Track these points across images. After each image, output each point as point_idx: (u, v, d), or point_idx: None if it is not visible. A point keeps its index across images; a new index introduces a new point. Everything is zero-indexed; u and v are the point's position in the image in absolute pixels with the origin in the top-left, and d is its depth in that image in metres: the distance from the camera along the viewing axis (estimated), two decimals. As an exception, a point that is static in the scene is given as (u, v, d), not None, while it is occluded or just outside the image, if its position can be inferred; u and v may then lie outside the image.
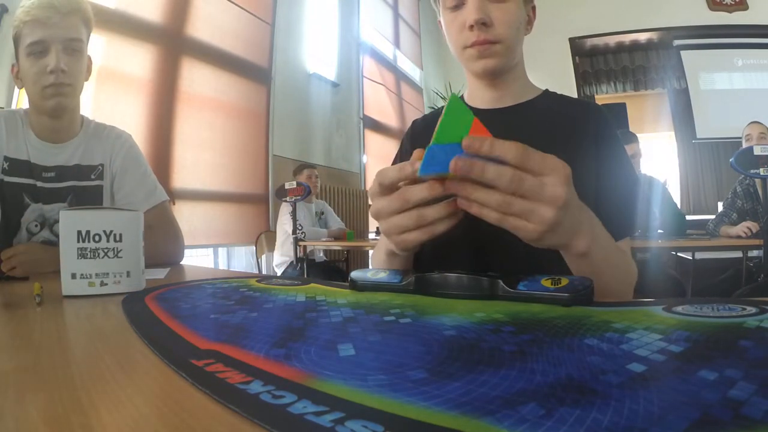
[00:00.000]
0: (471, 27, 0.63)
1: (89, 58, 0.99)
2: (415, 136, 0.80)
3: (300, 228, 2.65)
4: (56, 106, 0.92)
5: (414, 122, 0.84)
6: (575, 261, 0.49)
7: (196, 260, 2.94)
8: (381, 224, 0.47)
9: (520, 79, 0.73)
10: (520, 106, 0.71)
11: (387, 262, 0.59)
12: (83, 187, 0.98)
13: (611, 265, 0.52)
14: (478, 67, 0.67)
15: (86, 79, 0.99)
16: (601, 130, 0.67)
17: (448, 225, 0.43)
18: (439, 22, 0.73)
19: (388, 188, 0.45)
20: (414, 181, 0.43)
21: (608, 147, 0.67)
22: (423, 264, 0.67)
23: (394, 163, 0.82)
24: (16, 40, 0.91)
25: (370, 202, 0.49)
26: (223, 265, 3.21)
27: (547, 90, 0.75)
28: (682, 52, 5.29)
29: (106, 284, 0.54)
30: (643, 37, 5.46)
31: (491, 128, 0.78)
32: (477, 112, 0.73)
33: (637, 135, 2.57)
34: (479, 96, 0.74)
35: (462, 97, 0.79)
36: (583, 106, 0.72)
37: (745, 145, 2.38)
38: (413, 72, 5.78)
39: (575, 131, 0.67)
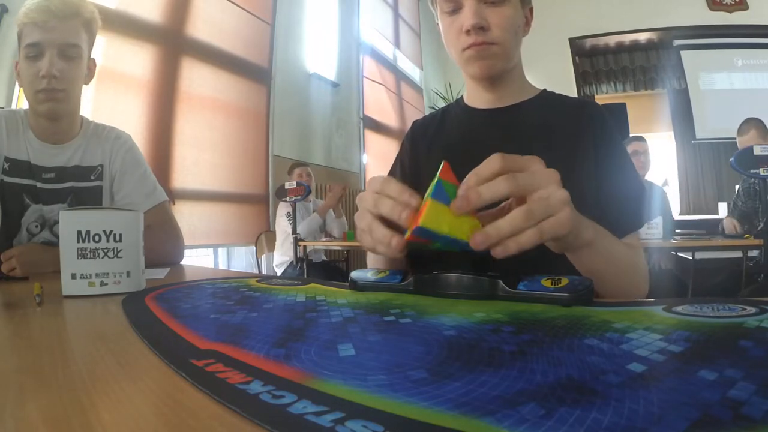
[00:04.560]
0: (468, 32, 0.63)
1: (93, 61, 0.99)
2: (415, 138, 0.80)
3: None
4: (48, 111, 0.92)
5: (414, 123, 0.84)
6: (584, 253, 0.50)
7: (196, 260, 2.94)
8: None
9: (518, 81, 0.73)
10: (517, 106, 0.72)
11: (373, 257, 0.62)
12: (83, 188, 0.98)
13: (617, 258, 0.54)
14: (476, 69, 0.67)
15: (87, 83, 0.98)
16: (600, 128, 0.67)
17: (385, 251, 0.44)
18: (438, 24, 0.73)
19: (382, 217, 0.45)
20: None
21: (608, 144, 0.67)
22: (423, 262, 0.67)
23: (394, 164, 0.82)
24: (19, 39, 0.91)
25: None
26: (223, 265, 3.21)
27: (544, 90, 0.75)
28: (682, 52, 5.29)
29: (106, 284, 0.54)
30: (643, 37, 5.46)
31: (489, 128, 0.78)
32: (475, 112, 0.74)
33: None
34: (477, 97, 0.74)
35: (462, 98, 0.79)
36: (581, 104, 0.72)
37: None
38: (413, 72, 5.78)
39: (573, 129, 0.67)
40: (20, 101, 1.84)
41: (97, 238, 0.54)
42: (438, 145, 0.76)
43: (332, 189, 3.00)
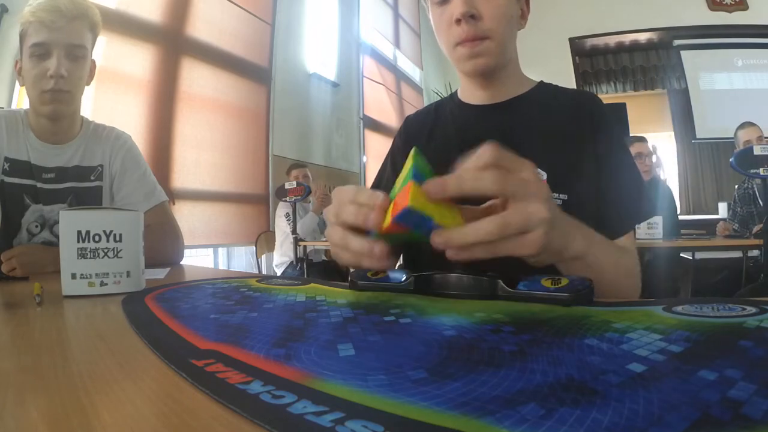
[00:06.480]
0: (458, 21, 0.61)
1: (93, 62, 0.99)
2: (409, 133, 0.79)
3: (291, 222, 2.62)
4: (53, 112, 0.92)
5: (407, 119, 0.82)
6: (574, 265, 0.46)
7: (196, 260, 2.94)
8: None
9: (514, 76, 0.71)
10: (514, 101, 0.70)
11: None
12: (83, 188, 0.98)
13: (610, 267, 0.50)
14: (469, 67, 0.65)
15: (88, 84, 0.99)
16: (600, 123, 0.66)
17: (369, 263, 0.39)
18: (430, 18, 0.72)
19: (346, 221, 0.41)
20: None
21: (606, 136, 0.66)
22: (422, 263, 0.67)
23: (383, 165, 0.81)
24: (21, 38, 0.91)
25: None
26: (223, 265, 3.21)
27: (541, 82, 0.73)
28: (682, 52, 5.29)
29: (106, 284, 0.54)
30: (643, 37, 5.46)
31: (485, 125, 0.76)
32: (470, 108, 0.73)
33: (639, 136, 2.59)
34: (471, 94, 0.73)
35: (456, 92, 0.78)
36: (580, 97, 0.71)
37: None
38: (413, 72, 5.79)
39: (572, 124, 0.66)
40: (20, 101, 1.84)
41: (97, 238, 0.53)
42: (433, 142, 0.75)
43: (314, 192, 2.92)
